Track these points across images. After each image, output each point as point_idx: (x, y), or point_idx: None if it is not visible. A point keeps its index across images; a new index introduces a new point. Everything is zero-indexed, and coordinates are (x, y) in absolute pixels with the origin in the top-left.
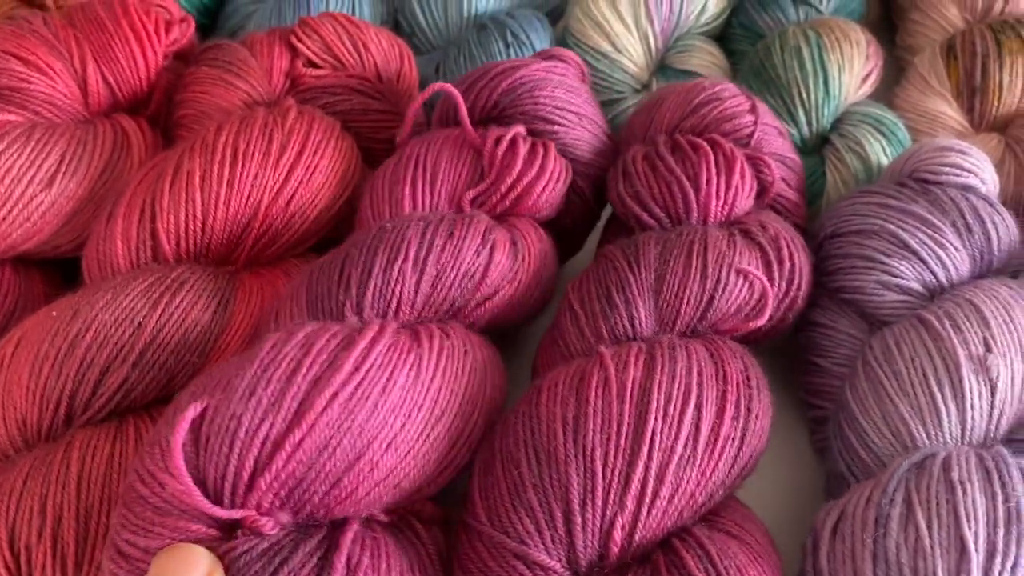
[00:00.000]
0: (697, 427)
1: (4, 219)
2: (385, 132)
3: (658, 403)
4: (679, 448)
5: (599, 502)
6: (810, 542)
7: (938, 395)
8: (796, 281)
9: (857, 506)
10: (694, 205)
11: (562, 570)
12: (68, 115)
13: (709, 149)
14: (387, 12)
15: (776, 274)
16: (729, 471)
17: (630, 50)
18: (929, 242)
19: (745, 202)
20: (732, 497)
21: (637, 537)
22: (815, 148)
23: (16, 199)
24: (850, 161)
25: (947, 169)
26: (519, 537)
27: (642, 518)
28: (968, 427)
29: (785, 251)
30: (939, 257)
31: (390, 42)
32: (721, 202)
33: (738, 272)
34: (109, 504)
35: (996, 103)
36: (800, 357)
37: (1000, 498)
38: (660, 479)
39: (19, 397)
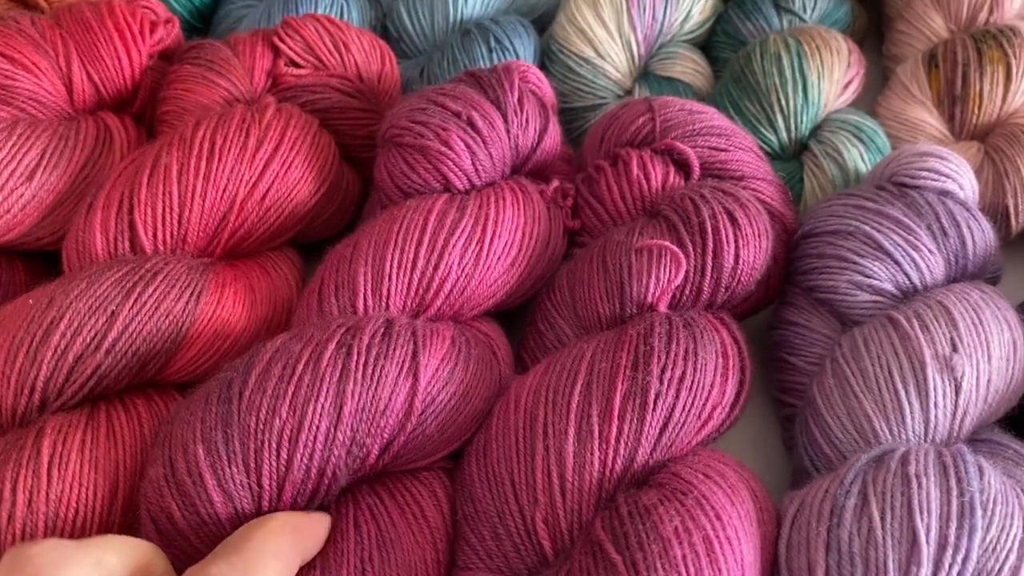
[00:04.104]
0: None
1: None
2: (364, 130)
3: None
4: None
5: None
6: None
7: (902, 393)
8: (714, 230)
9: (815, 497)
10: (605, 216)
11: None
12: (53, 112)
13: (606, 164)
14: (375, 17)
15: (686, 235)
16: None
17: (613, 56)
18: (903, 244)
19: (655, 186)
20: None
21: None
22: (794, 154)
23: None
24: (828, 167)
25: (925, 173)
26: None
27: None
28: (931, 425)
29: (690, 209)
30: (913, 259)
31: (371, 43)
32: (629, 201)
33: (638, 251)
34: (80, 491)
35: (976, 112)
36: (773, 355)
37: (955, 492)
38: None
39: None
